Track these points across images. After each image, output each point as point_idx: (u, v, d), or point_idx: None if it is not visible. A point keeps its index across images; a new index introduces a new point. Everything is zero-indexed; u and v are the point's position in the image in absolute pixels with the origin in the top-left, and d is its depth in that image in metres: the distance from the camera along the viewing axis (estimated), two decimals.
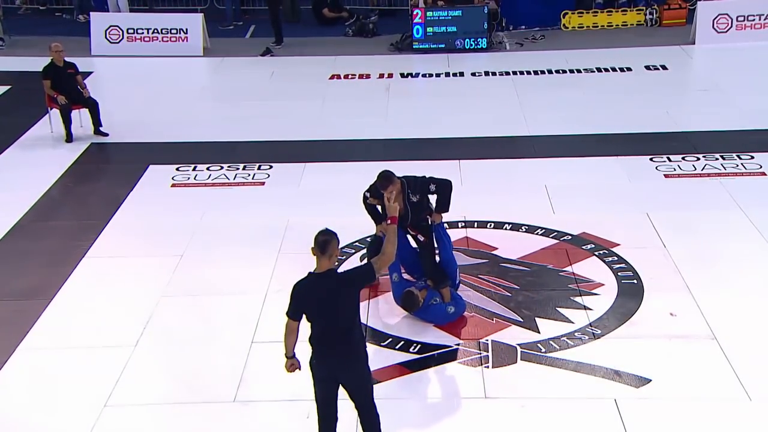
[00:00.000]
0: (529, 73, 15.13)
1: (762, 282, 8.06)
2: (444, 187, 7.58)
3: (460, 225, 9.14)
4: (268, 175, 10.78)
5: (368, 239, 8.34)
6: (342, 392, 5.63)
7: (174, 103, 13.91)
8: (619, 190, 10.11)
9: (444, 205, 7.66)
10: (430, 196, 7.63)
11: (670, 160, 10.82)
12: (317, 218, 9.26)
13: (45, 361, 7.17)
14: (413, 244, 7.85)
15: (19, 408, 6.64)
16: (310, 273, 5.45)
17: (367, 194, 7.64)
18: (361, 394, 5.64)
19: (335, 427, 5.71)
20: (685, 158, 10.84)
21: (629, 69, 15.08)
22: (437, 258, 7.81)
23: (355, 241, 8.75)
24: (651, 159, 10.88)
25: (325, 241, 5.38)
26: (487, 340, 7.23)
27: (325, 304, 5.39)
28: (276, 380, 6.76)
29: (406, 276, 7.88)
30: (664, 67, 15.12)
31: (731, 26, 16.52)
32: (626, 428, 6.19)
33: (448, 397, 6.68)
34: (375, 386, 5.80)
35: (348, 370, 5.53)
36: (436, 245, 7.79)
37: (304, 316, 5.49)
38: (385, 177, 7.25)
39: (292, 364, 5.68)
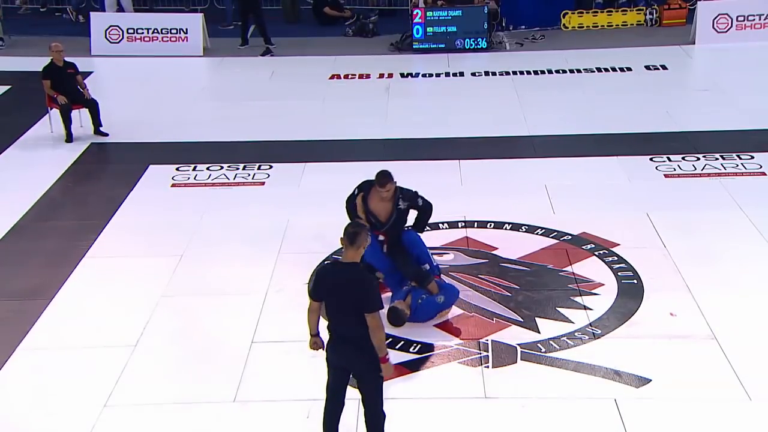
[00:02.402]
0: (529, 73, 15.13)
1: (762, 282, 8.05)
2: (425, 211, 7.77)
3: (460, 225, 9.14)
4: (268, 175, 10.78)
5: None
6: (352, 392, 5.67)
7: (174, 103, 13.91)
8: (619, 190, 10.11)
9: (421, 227, 7.88)
10: (411, 211, 7.76)
11: (670, 160, 10.82)
12: (317, 218, 9.32)
13: (45, 361, 7.17)
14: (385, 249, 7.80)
15: (18, 408, 6.63)
16: (336, 260, 5.50)
17: (356, 191, 7.72)
18: (369, 387, 5.70)
19: (339, 416, 5.83)
20: (685, 158, 10.84)
21: (629, 69, 15.08)
22: (413, 257, 7.74)
23: None
24: (651, 159, 10.88)
25: (354, 233, 5.57)
26: (487, 340, 7.23)
27: (342, 292, 5.53)
28: (276, 380, 6.79)
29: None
30: (664, 67, 15.12)
31: (731, 26, 16.51)
32: (626, 428, 6.19)
33: (448, 397, 6.66)
34: None
35: (358, 360, 5.62)
36: (406, 246, 7.77)
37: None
38: (386, 175, 7.44)
39: (315, 342, 5.88)
